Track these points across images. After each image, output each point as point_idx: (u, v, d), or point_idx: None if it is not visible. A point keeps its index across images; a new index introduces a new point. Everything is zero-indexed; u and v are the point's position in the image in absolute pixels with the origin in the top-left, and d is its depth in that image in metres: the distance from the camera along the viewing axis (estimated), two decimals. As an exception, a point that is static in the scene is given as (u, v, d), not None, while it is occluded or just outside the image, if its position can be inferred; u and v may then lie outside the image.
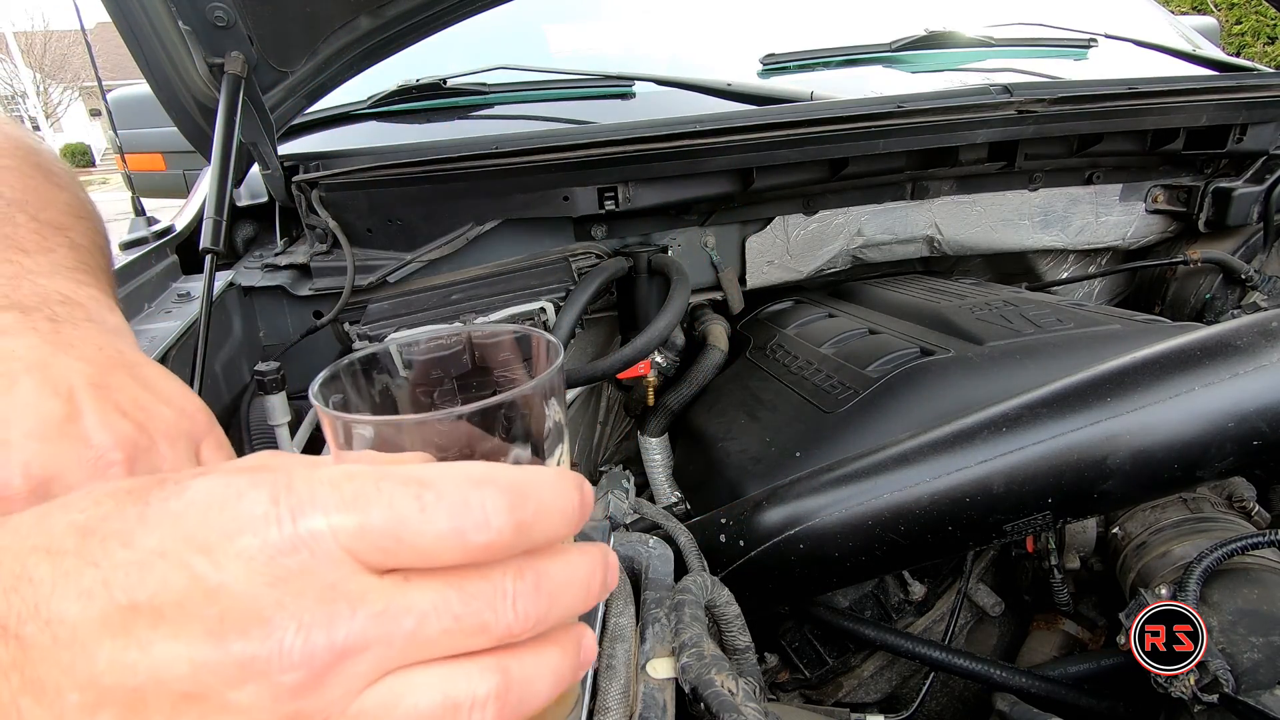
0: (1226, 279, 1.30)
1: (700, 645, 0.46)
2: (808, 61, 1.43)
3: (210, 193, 0.94)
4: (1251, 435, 0.52)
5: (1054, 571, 0.73)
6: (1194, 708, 0.52)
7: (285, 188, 1.00)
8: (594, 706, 0.43)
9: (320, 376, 0.34)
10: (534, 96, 1.33)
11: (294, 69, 0.96)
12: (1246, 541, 0.56)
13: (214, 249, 0.94)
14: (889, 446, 0.64)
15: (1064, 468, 0.55)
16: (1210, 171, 1.34)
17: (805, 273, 1.28)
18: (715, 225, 1.21)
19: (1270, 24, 6.99)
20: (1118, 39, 1.56)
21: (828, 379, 0.91)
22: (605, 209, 1.06)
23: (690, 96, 1.28)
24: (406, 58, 1.05)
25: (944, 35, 1.47)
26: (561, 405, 0.35)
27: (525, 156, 0.99)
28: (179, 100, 0.91)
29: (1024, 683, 0.66)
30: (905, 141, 1.09)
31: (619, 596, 0.53)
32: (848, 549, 0.62)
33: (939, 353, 0.85)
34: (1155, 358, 0.57)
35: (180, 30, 0.85)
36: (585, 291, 1.08)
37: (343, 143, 1.16)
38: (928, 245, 1.32)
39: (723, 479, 0.89)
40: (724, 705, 0.42)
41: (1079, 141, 1.21)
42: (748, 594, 0.66)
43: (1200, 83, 1.21)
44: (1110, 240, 1.37)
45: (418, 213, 1.02)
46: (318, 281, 0.99)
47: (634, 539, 0.60)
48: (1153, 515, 0.70)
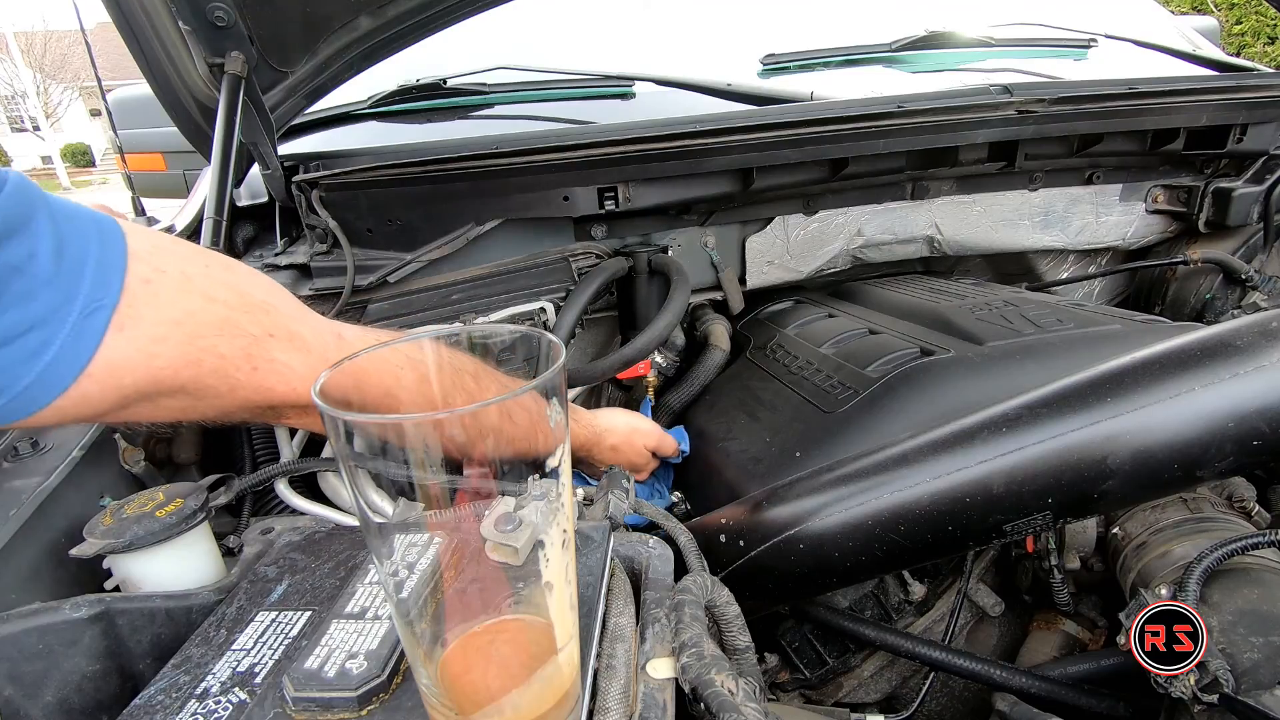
0: (1226, 279, 1.30)
1: (700, 645, 0.46)
2: (808, 61, 1.43)
3: (210, 193, 0.94)
4: (1251, 435, 0.52)
5: (1054, 571, 0.73)
6: (1194, 708, 0.52)
7: (285, 188, 1.00)
8: (594, 706, 0.43)
9: (321, 376, 0.34)
10: (534, 96, 1.33)
11: (294, 69, 0.96)
12: (1246, 541, 0.56)
13: (213, 249, 0.94)
14: (889, 447, 0.65)
15: (1064, 468, 0.55)
16: (1210, 171, 1.34)
17: (805, 273, 1.28)
18: (715, 225, 1.21)
19: (1270, 24, 6.99)
20: (1118, 39, 1.56)
21: (828, 379, 0.91)
22: (605, 209, 1.06)
23: (690, 96, 1.28)
24: (406, 58, 1.06)
25: (944, 35, 1.47)
26: (563, 405, 0.35)
27: (525, 156, 0.99)
28: (179, 100, 0.91)
29: (1024, 683, 0.66)
30: (905, 141, 1.09)
31: (619, 596, 0.53)
32: (848, 549, 0.63)
33: (939, 353, 0.85)
34: (1155, 358, 0.57)
35: (180, 30, 0.85)
36: (585, 291, 1.08)
37: (343, 143, 1.16)
38: (928, 245, 1.32)
39: (723, 479, 0.89)
40: (724, 705, 0.42)
41: (1079, 141, 1.21)
42: (748, 594, 0.67)
43: (1200, 83, 1.21)
44: (1110, 240, 1.37)
45: (418, 213, 1.02)
46: (318, 281, 0.99)
47: (634, 539, 0.60)
48: (1153, 515, 0.70)
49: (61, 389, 0.44)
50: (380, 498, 0.37)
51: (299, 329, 0.56)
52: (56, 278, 0.43)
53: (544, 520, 0.35)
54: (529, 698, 0.37)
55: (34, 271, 0.42)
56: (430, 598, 0.36)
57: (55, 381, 0.44)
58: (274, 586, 0.55)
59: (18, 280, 0.42)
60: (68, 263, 0.44)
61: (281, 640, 0.49)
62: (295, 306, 0.58)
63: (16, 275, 0.41)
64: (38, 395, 0.44)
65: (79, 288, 0.44)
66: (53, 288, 0.43)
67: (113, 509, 0.59)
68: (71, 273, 0.44)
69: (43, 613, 0.51)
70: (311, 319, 0.58)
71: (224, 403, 0.54)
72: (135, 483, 0.77)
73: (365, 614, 0.47)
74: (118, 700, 0.52)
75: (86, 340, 0.44)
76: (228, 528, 0.71)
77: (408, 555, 0.35)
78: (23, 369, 0.42)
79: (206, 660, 0.47)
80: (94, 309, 0.44)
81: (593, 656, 0.46)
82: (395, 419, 0.31)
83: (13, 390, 0.43)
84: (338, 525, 0.64)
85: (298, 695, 0.42)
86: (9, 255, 0.41)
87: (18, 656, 0.50)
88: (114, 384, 0.46)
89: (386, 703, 0.43)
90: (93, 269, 0.45)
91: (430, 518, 0.34)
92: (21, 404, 0.44)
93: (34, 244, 0.42)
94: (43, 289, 0.42)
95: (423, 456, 0.31)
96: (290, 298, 0.58)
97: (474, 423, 0.31)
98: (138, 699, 0.45)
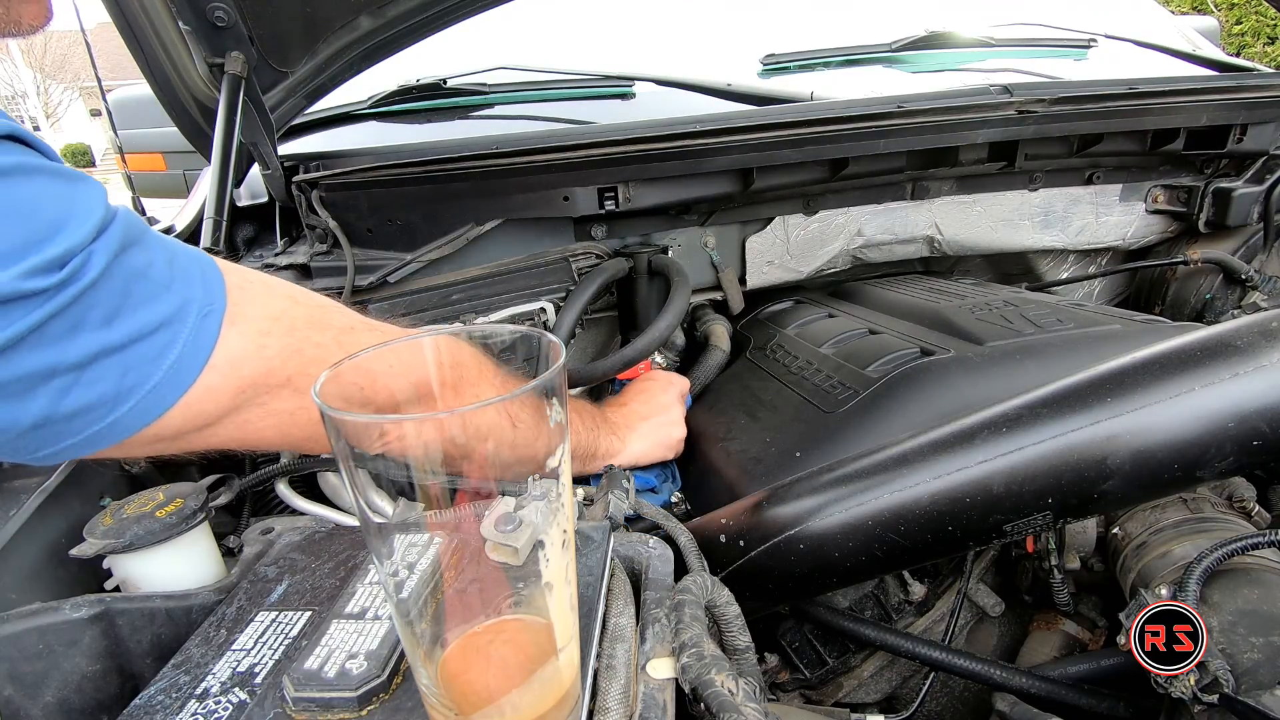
0: (1226, 279, 1.30)
1: (700, 645, 0.46)
2: (808, 61, 1.43)
3: (210, 193, 0.94)
4: (1251, 435, 0.52)
5: (1054, 572, 0.73)
6: (1194, 708, 0.52)
7: (285, 188, 1.00)
8: (594, 706, 0.43)
9: (322, 376, 0.34)
10: (534, 96, 1.33)
11: (294, 69, 0.96)
12: (1246, 541, 0.56)
13: (214, 249, 0.94)
14: (889, 447, 0.64)
15: (1064, 468, 0.55)
16: (1210, 171, 1.34)
17: (805, 273, 1.28)
18: (715, 225, 1.21)
19: (1270, 24, 6.99)
20: (1118, 39, 1.56)
21: (828, 379, 0.91)
22: (605, 209, 1.06)
23: (690, 96, 1.28)
24: (406, 58, 1.06)
25: (944, 35, 1.47)
26: (563, 405, 0.35)
27: (525, 156, 0.99)
28: (179, 100, 0.91)
29: (1024, 683, 0.66)
30: (905, 141, 1.09)
31: (619, 596, 0.53)
32: (848, 549, 0.62)
33: (939, 353, 0.85)
34: (1155, 358, 0.57)
35: (180, 30, 0.85)
36: (585, 292, 1.08)
37: (343, 143, 1.16)
38: (928, 245, 1.32)
39: (723, 479, 0.89)
40: (724, 705, 0.42)
41: (1079, 141, 1.21)
42: (748, 594, 0.66)
43: (1200, 83, 1.21)
44: (1110, 240, 1.37)
45: (418, 213, 1.02)
46: (318, 281, 0.99)
47: (634, 539, 0.60)
48: (1153, 515, 0.70)
49: (189, 384, 0.48)
50: (380, 498, 0.37)
51: (372, 321, 0.62)
52: (173, 283, 0.47)
53: (544, 520, 0.35)
54: (529, 698, 0.37)
55: (154, 277, 0.46)
56: (430, 598, 0.36)
57: (182, 379, 0.47)
58: (274, 586, 0.55)
59: (142, 284, 0.46)
60: (179, 272, 0.48)
61: (281, 640, 0.49)
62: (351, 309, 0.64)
63: (141, 280, 0.46)
64: (166, 393, 0.47)
65: (194, 292, 0.48)
66: (171, 292, 0.47)
67: (113, 509, 0.59)
68: (185, 280, 0.48)
69: (43, 613, 0.51)
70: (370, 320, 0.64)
71: None
72: (135, 483, 0.77)
73: (365, 614, 0.47)
74: (118, 700, 0.52)
75: (205, 337, 0.49)
76: (228, 528, 0.71)
77: (408, 555, 0.35)
78: (153, 366, 0.46)
79: (206, 660, 0.47)
80: (208, 311, 0.49)
81: (593, 657, 0.46)
82: (396, 418, 0.31)
83: (144, 387, 0.46)
84: (338, 525, 0.64)
85: (298, 695, 0.42)
86: (134, 261, 0.45)
87: (18, 656, 0.50)
88: (234, 374, 0.50)
89: (386, 703, 0.43)
90: (200, 277, 0.49)
91: (430, 518, 0.34)
92: (153, 402, 0.47)
93: (151, 254, 0.47)
94: (163, 293, 0.47)
95: (423, 457, 0.31)
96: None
97: (474, 423, 0.31)
98: (138, 699, 0.45)
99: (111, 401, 0.45)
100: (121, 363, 0.44)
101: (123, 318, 0.44)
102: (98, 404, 0.44)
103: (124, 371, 0.45)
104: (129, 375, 0.45)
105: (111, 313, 0.44)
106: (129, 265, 0.45)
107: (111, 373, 0.44)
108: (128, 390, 0.45)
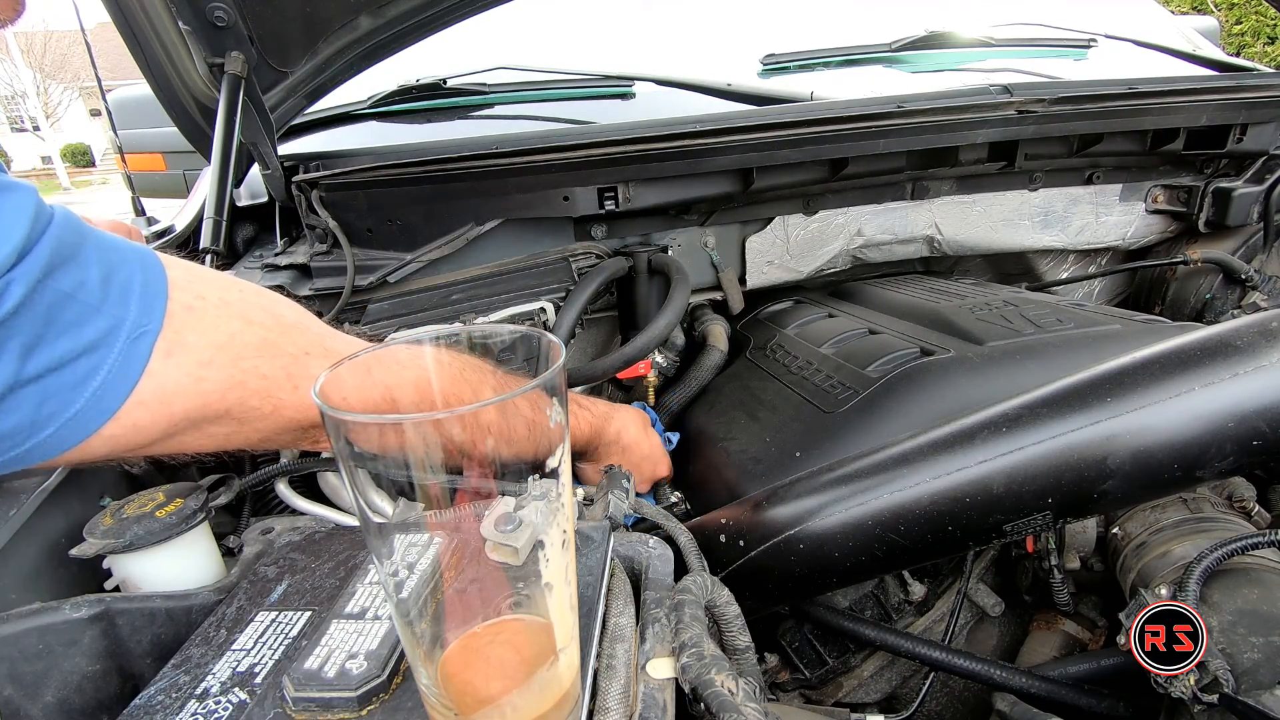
0: (1226, 279, 1.30)
1: (700, 645, 0.46)
2: (808, 61, 1.43)
3: (210, 193, 0.94)
4: (1251, 435, 0.52)
5: (1054, 571, 0.73)
6: (1194, 708, 0.52)
7: (285, 188, 1.00)
8: (594, 706, 0.43)
9: (322, 377, 0.34)
10: (534, 96, 1.33)
11: (294, 69, 0.96)
12: (1246, 541, 0.56)
13: (214, 249, 0.94)
14: (889, 447, 0.64)
15: (1064, 468, 0.55)
16: (1210, 171, 1.34)
17: (805, 273, 1.28)
18: (715, 225, 1.21)
19: (1270, 24, 6.99)
20: (1118, 39, 1.56)
21: (828, 379, 0.91)
22: (605, 209, 1.06)
23: (690, 96, 1.28)
24: (406, 58, 1.06)
25: (944, 35, 1.47)
26: (563, 405, 0.35)
27: (525, 156, 0.99)
28: (179, 100, 0.91)
29: (1024, 683, 0.66)
30: (905, 141, 1.09)
31: (619, 596, 0.53)
32: (848, 549, 0.62)
33: (939, 353, 0.85)
34: (1155, 358, 0.57)
35: (180, 30, 0.85)
36: (585, 291, 1.08)
37: (343, 143, 1.16)
38: (928, 245, 1.32)
39: (722, 479, 0.89)
40: (724, 705, 0.42)
41: (1079, 141, 1.21)
42: (748, 594, 0.67)
43: (1200, 83, 1.21)
44: (1110, 240, 1.37)
45: (418, 213, 1.02)
46: (318, 281, 0.99)
47: (634, 539, 0.60)
48: (1153, 515, 0.70)
49: (110, 414, 0.45)
50: (380, 498, 0.37)
51: (333, 345, 0.58)
52: (104, 305, 0.44)
53: (544, 520, 0.35)
54: (529, 698, 0.37)
55: (84, 299, 0.43)
56: (430, 598, 0.36)
57: (105, 407, 0.45)
58: (274, 586, 0.55)
59: (70, 308, 0.43)
60: (115, 291, 0.45)
61: (281, 640, 0.49)
62: (324, 326, 0.60)
63: (69, 303, 0.42)
64: (87, 422, 0.45)
65: (126, 314, 0.45)
66: (101, 314, 0.44)
67: (113, 509, 0.59)
68: (118, 300, 0.45)
69: (43, 613, 0.51)
70: (342, 336, 0.61)
71: (268, 425, 0.55)
72: (135, 483, 0.77)
73: (365, 614, 0.47)
74: (118, 700, 0.52)
75: (133, 365, 0.45)
76: (228, 528, 0.71)
77: (408, 555, 0.35)
78: (73, 394, 0.43)
79: (206, 660, 0.47)
80: (139, 334, 0.45)
81: (593, 657, 0.46)
82: (396, 418, 0.31)
83: (63, 416, 0.43)
84: (338, 525, 0.64)
85: (298, 695, 0.42)
86: (62, 283, 0.42)
87: (18, 656, 0.50)
88: (165, 411, 0.47)
89: (386, 703, 0.43)
90: (138, 296, 0.46)
91: (430, 518, 0.34)
92: (72, 430, 0.44)
93: (83, 273, 0.44)
94: (92, 316, 0.43)
95: (424, 457, 0.31)
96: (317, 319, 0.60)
97: (474, 422, 0.31)
98: (138, 699, 0.45)
99: (28, 429, 0.43)
100: (39, 392, 0.42)
101: (42, 347, 0.41)
102: (13, 432, 0.42)
103: (41, 401, 0.42)
104: (46, 404, 0.43)
105: (31, 343, 0.41)
106: (54, 289, 0.42)
107: (27, 403, 0.42)
108: (45, 419, 0.43)
